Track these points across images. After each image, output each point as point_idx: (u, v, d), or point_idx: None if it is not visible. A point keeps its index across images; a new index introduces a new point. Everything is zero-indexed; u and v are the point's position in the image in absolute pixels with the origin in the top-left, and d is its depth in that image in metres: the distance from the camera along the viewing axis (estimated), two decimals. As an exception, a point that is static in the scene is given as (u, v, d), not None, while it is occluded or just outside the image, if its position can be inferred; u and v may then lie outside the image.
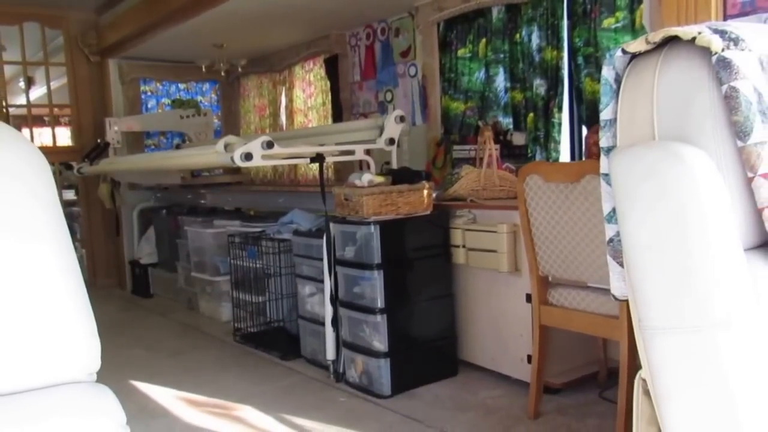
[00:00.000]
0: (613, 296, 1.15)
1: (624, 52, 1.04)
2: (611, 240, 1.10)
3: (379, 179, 3.61)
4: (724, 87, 0.92)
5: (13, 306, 0.87)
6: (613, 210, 1.06)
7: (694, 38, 0.94)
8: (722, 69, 0.92)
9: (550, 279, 2.95)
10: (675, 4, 2.27)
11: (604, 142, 1.08)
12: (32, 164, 0.87)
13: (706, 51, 0.93)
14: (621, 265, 1.09)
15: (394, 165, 4.05)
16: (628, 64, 1.04)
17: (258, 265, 4.46)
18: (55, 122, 6.89)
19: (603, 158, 1.08)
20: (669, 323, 0.94)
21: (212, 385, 3.76)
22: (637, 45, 1.02)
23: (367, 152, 4.23)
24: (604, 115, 1.07)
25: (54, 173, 0.95)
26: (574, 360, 3.43)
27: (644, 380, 1.06)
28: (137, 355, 4.43)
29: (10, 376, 0.90)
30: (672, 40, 0.99)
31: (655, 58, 1.00)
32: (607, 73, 1.06)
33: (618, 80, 1.05)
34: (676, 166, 0.92)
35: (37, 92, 7.47)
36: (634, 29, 3.86)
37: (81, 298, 0.95)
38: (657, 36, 0.99)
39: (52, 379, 0.93)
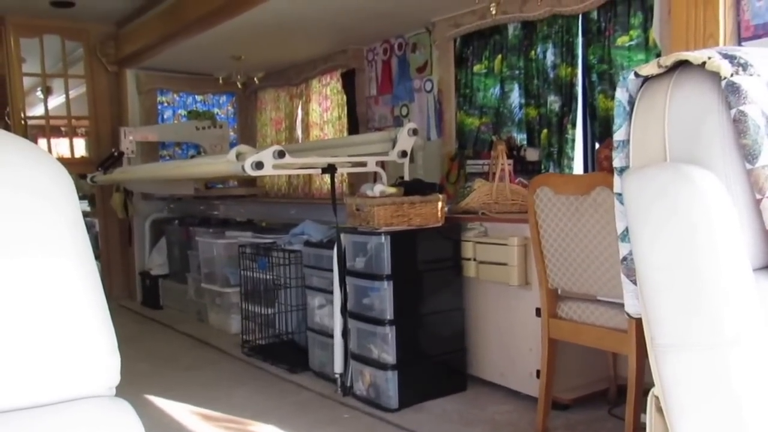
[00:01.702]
0: (627, 314, 1.16)
1: (637, 75, 1.06)
2: (625, 258, 1.12)
3: (391, 190, 3.61)
4: (733, 111, 0.94)
5: (36, 320, 0.90)
6: (627, 229, 1.08)
7: (704, 63, 0.96)
8: (731, 93, 0.94)
9: (559, 292, 2.92)
10: (684, 24, 2.27)
11: (617, 163, 1.10)
12: (59, 183, 0.91)
13: (716, 75, 0.96)
14: (634, 283, 1.11)
15: (407, 177, 4.05)
16: (641, 86, 1.07)
17: (268, 277, 4.46)
18: (72, 133, 6.96)
19: (616, 178, 1.10)
20: (680, 341, 0.95)
21: (225, 400, 3.72)
22: (649, 68, 1.04)
23: (381, 165, 4.23)
24: (618, 136, 1.09)
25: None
26: (584, 376, 3.38)
27: (657, 397, 1.07)
28: (148, 369, 4.39)
29: (32, 389, 0.92)
30: (683, 64, 1.02)
31: (667, 82, 1.02)
32: (620, 95, 1.09)
33: (631, 102, 1.07)
34: (687, 187, 0.94)
35: (54, 101, 7.55)
36: (647, 47, 3.86)
37: (102, 312, 0.99)
38: (668, 60, 1.02)
39: (72, 393, 0.95)
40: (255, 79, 6.37)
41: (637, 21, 3.91)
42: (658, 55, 3.47)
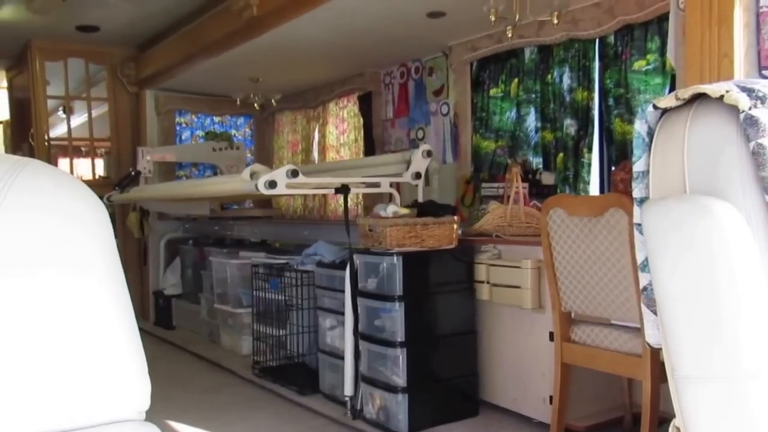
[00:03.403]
0: (648, 344, 1.17)
1: (655, 107, 1.07)
2: (645, 288, 1.12)
3: (404, 211, 3.59)
4: (752, 144, 0.94)
5: (68, 341, 0.91)
6: (647, 259, 1.09)
7: (722, 96, 0.97)
8: (749, 126, 0.94)
9: (572, 315, 2.87)
10: (698, 44, 2.24)
11: (637, 193, 1.11)
12: (92, 210, 0.94)
13: (734, 108, 0.96)
14: (655, 313, 1.11)
15: (420, 199, 4.03)
16: (660, 118, 1.08)
17: (280, 298, 4.44)
18: (93, 153, 7.04)
19: (636, 208, 1.11)
20: (700, 372, 0.95)
21: (240, 424, 3.67)
22: (667, 101, 1.05)
23: (397, 187, 4.22)
24: (637, 167, 1.11)
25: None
26: (599, 403, 3.31)
27: (678, 428, 1.06)
28: (163, 391, 4.33)
29: (63, 413, 0.92)
30: (701, 97, 1.02)
31: (686, 114, 1.03)
32: (639, 127, 1.10)
33: (650, 134, 1.08)
34: (705, 218, 0.94)
35: (75, 120, 7.64)
36: (664, 71, 3.84)
37: (133, 336, 1.00)
38: (686, 93, 1.02)
39: (103, 417, 0.96)
40: (272, 101, 6.41)
41: (654, 45, 3.90)
42: (674, 78, 3.44)
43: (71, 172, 6.96)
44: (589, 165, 4.29)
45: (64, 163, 7.40)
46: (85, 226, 0.89)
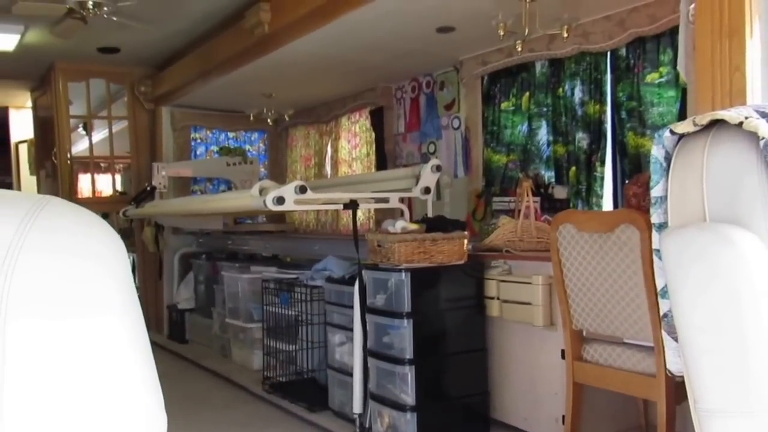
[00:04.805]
0: (669, 371, 1.16)
1: (672, 132, 1.06)
2: (665, 315, 1.12)
3: (413, 226, 3.55)
4: None
5: (86, 383, 0.90)
6: (666, 286, 1.08)
7: (741, 123, 0.96)
8: None
9: (584, 333, 2.82)
10: (709, 57, 2.20)
11: (655, 219, 1.10)
12: (112, 248, 0.95)
13: (754, 135, 0.95)
14: (676, 340, 1.09)
15: (430, 214, 4.00)
16: (677, 143, 1.07)
17: (291, 313, 4.41)
18: (112, 170, 7.11)
19: (655, 234, 1.11)
20: (724, 406, 0.94)
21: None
22: (684, 126, 1.05)
23: (408, 202, 4.19)
24: (655, 192, 1.10)
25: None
26: (614, 423, 3.25)
27: None
28: (176, 409, 4.34)
29: None
30: (719, 122, 1.01)
31: (703, 140, 1.02)
32: (656, 152, 1.09)
33: (668, 158, 1.07)
34: (727, 249, 0.93)
35: (94, 136, 7.71)
36: (677, 84, 3.79)
37: (150, 372, 1.00)
38: (704, 119, 1.01)
39: None
40: (285, 116, 6.43)
41: (666, 58, 3.86)
42: (686, 91, 3.39)
43: (92, 187, 7.04)
44: (602, 179, 4.24)
45: (85, 178, 7.49)
46: (105, 265, 0.91)
